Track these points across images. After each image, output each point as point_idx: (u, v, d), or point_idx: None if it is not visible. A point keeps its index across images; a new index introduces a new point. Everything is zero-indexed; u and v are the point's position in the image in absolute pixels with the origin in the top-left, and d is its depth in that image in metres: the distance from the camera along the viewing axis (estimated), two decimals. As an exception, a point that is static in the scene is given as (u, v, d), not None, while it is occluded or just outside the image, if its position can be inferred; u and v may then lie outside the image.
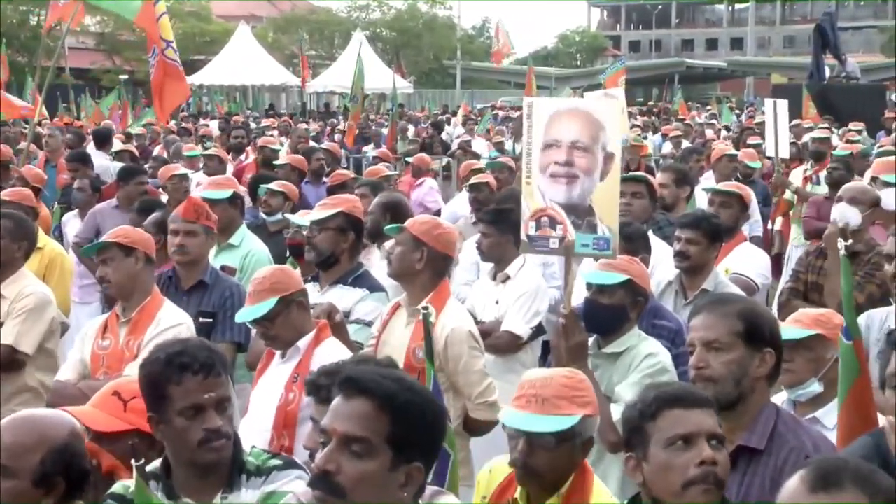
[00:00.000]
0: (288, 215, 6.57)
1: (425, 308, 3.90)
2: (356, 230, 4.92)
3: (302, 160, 9.59)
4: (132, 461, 2.32)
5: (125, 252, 4.47)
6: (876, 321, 4.18)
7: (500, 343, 5.20)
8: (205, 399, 2.75)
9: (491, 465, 3.13)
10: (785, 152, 9.84)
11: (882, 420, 2.58)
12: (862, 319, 4.15)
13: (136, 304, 4.45)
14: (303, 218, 5.33)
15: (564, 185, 4.05)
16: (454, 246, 4.69)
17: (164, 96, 9.44)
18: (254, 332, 4.34)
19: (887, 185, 9.01)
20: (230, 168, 10.72)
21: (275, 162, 9.84)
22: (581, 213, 4.00)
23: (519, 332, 5.24)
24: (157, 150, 14.05)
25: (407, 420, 2.12)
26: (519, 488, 2.95)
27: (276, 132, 19.97)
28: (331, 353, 3.81)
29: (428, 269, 4.41)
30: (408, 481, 2.14)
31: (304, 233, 4.99)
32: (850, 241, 4.91)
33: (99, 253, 4.59)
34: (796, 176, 9.99)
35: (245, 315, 4.01)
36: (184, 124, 20.66)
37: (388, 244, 5.03)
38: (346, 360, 3.01)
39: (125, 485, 2.73)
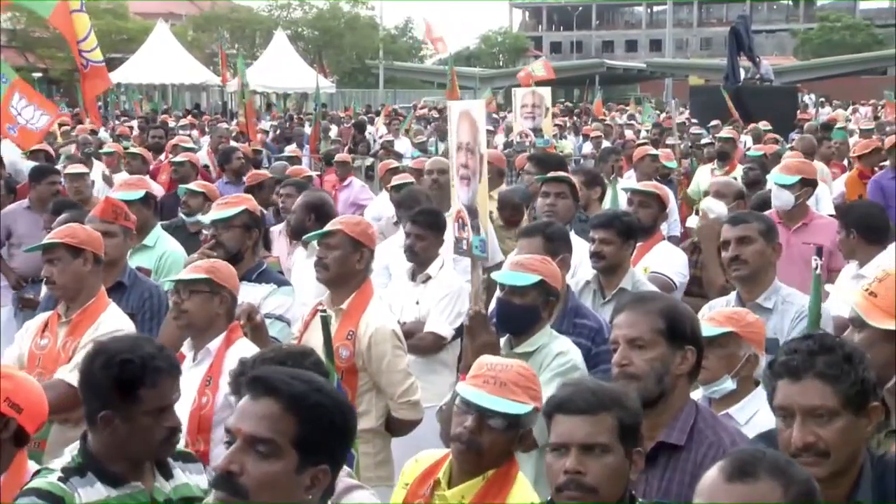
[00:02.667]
0: (201, 216, 6.50)
1: (324, 311, 3.92)
2: (258, 227, 5.00)
3: (197, 157, 9.59)
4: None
5: (73, 253, 4.35)
6: (717, 306, 4.33)
7: (423, 344, 5.21)
8: (172, 399, 2.85)
9: (418, 456, 3.14)
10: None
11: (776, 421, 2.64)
12: (705, 307, 4.35)
13: (79, 305, 4.34)
14: (207, 216, 5.31)
15: (466, 187, 4.13)
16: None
17: (86, 92, 9.26)
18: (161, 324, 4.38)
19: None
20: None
21: (174, 160, 9.70)
22: (473, 215, 4.08)
23: (443, 332, 5.26)
24: (72, 149, 13.73)
25: (315, 422, 2.09)
26: (442, 469, 2.97)
27: (195, 132, 19.74)
28: (243, 354, 3.77)
29: (363, 269, 4.45)
30: (314, 484, 2.11)
31: (212, 231, 4.98)
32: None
33: (45, 252, 4.45)
34: (704, 175, 10.18)
35: (180, 275, 4.07)
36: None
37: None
38: (267, 352, 2.98)
39: (48, 481, 2.71)
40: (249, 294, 4.62)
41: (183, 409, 3.74)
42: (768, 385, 2.55)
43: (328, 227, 4.53)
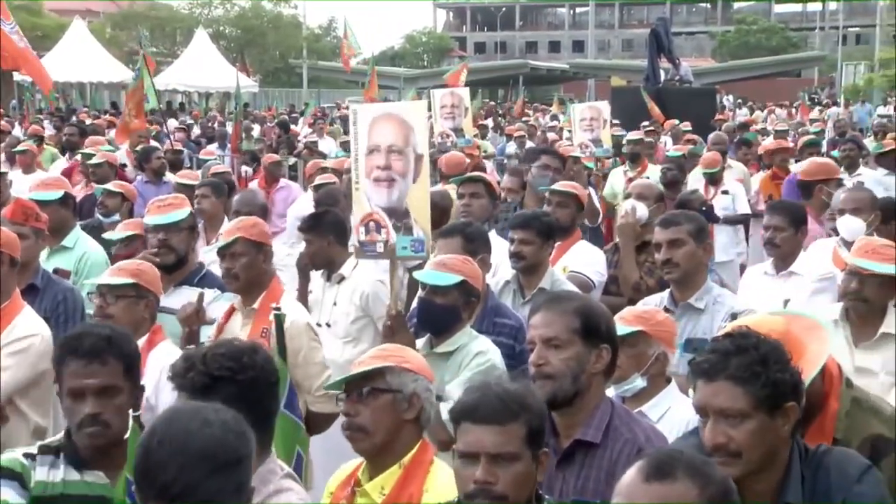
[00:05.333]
0: (111, 234, 6.37)
1: (277, 308, 3.90)
2: (196, 229, 5.01)
3: (115, 157, 9.41)
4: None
5: None
6: (651, 304, 4.39)
7: None
8: (84, 384, 2.80)
9: (340, 468, 3.15)
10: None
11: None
12: (639, 304, 4.40)
13: None
14: (127, 231, 5.23)
15: (385, 189, 4.14)
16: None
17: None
18: None
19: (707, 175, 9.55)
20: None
21: (90, 162, 9.51)
22: (400, 216, 4.10)
23: None
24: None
25: (247, 482, 2.08)
26: (360, 469, 2.98)
27: (114, 131, 19.36)
28: (165, 357, 3.75)
29: (268, 268, 4.46)
30: None
31: (159, 235, 4.91)
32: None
33: None
34: (617, 177, 10.33)
35: (101, 279, 3.99)
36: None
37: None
38: (212, 346, 2.97)
39: (10, 457, 2.77)
40: (190, 299, 4.56)
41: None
42: (691, 384, 2.59)
43: (227, 237, 4.47)
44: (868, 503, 2.49)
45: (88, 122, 20.53)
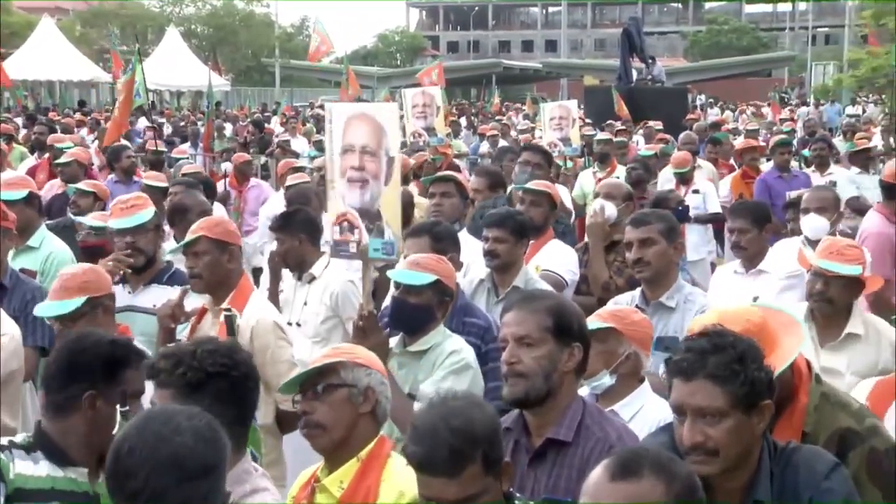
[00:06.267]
0: (83, 219, 6.32)
1: (228, 310, 3.88)
2: (161, 227, 5.01)
3: (86, 156, 9.34)
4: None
5: None
6: (622, 304, 4.43)
7: None
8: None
9: (299, 476, 3.16)
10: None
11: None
12: (610, 303, 4.44)
13: None
14: (108, 220, 5.17)
15: (359, 190, 4.13)
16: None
17: None
18: None
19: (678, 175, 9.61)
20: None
21: (59, 160, 9.43)
22: (372, 218, 4.09)
23: None
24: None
25: (218, 490, 2.10)
26: (320, 467, 2.99)
27: (84, 129, 19.23)
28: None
29: (235, 267, 4.42)
30: None
31: (126, 239, 4.88)
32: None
33: None
34: (587, 177, 10.36)
35: (48, 310, 3.88)
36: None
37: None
38: (197, 343, 2.95)
39: None
40: (162, 297, 4.54)
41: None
42: (667, 382, 2.60)
43: (189, 235, 4.45)
44: (836, 500, 2.51)
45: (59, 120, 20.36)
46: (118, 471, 2.06)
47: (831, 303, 4.18)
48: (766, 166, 10.28)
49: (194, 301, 4.63)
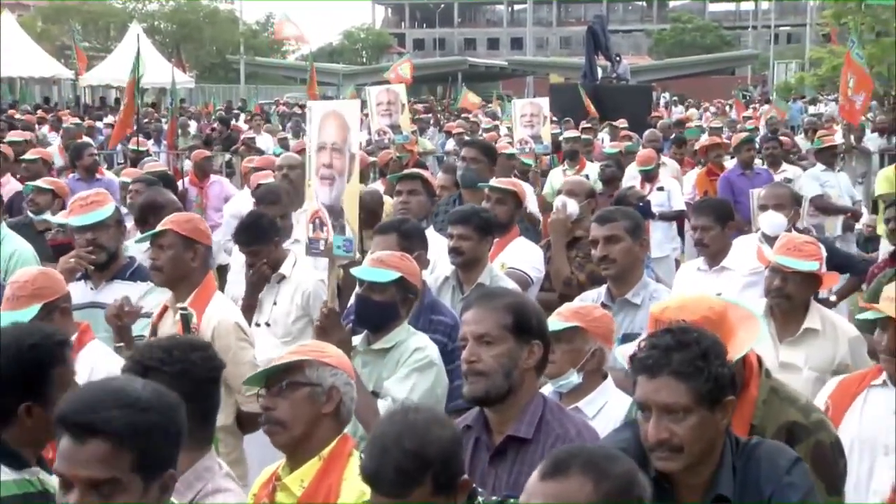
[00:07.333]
0: (48, 216, 6.26)
1: (184, 309, 3.85)
2: (123, 223, 4.97)
3: (50, 154, 9.26)
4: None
5: None
6: (588, 300, 4.47)
7: None
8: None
9: (261, 474, 3.13)
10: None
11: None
12: (576, 301, 4.46)
13: None
14: (67, 218, 5.10)
15: (328, 187, 4.12)
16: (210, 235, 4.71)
17: None
18: None
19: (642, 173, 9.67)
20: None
21: (24, 157, 9.31)
22: (336, 215, 4.08)
23: None
24: None
25: (150, 444, 2.09)
26: (281, 465, 2.97)
27: (46, 127, 19.03)
28: (94, 356, 3.71)
29: (199, 265, 4.39)
30: (163, 491, 2.15)
31: (87, 236, 4.82)
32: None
33: None
34: (556, 175, 10.39)
35: (2, 320, 3.79)
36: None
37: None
38: (156, 340, 2.91)
39: None
40: (125, 293, 4.48)
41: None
42: (631, 378, 2.61)
43: (158, 227, 4.43)
44: (797, 494, 2.53)
45: (18, 117, 20.13)
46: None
47: (789, 299, 4.23)
48: (730, 163, 10.37)
49: (158, 297, 4.60)
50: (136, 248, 5.59)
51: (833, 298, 5.73)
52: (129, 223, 6.44)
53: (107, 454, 2.05)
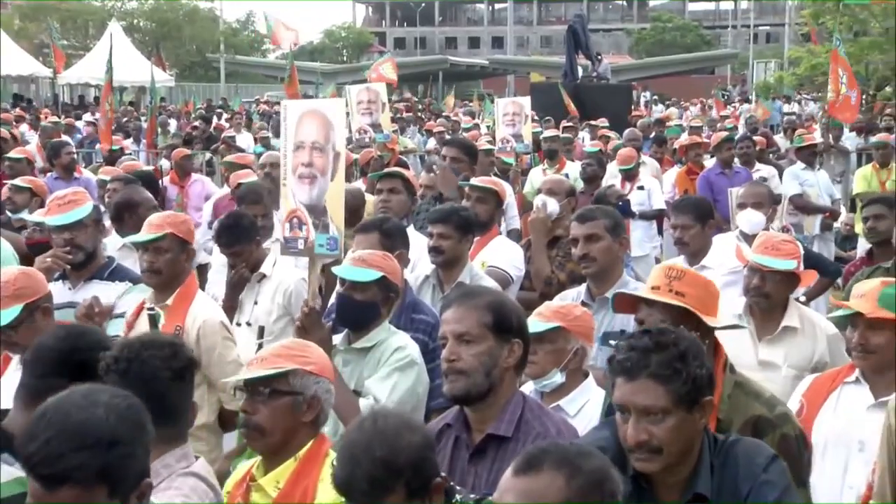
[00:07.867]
0: (24, 215, 6.22)
1: (151, 309, 3.84)
2: (101, 222, 4.96)
3: (33, 154, 9.22)
4: None
5: None
6: (568, 299, 4.49)
7: None
8: None
9: (237, 467, 3.14)
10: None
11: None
12: (556, 300, 4.48)
13: None
14: (45, 217, 5.07)
15: (308, 186, 4.12)
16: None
17: None
18: None
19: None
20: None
21: (8, 155, 9.25)
22: (318, 214, 4.08)
23: None
24: None
25: (122, 474, 2.08)
26: (256, 463, 2.97)
27: (25, 125, 18.91)
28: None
29: (188, 266, 4.44)
30: (141, 499, 2.15)
31: (65, 235, 4.79)
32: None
33: None
34: (537, 174, 10.40)
35: None
36: None
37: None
38: (122, 340, 2.90)
39: None
40: (103, 293, 4.49)
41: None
42: (609, 379, 2.61)
43: (155, 231, 4.42)
44: (774, 492, 2.55)
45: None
46: (26, 433, 2.08)
47: (768, 297, 4.26)
48: (709, 162, 10.41)
49: (137, 297, 4.58)
50: (112, 245, 5.58)
51: (803, 299, 5.76)
52: (108, 222, 6.43)
53: (80, 496, 2.03)
